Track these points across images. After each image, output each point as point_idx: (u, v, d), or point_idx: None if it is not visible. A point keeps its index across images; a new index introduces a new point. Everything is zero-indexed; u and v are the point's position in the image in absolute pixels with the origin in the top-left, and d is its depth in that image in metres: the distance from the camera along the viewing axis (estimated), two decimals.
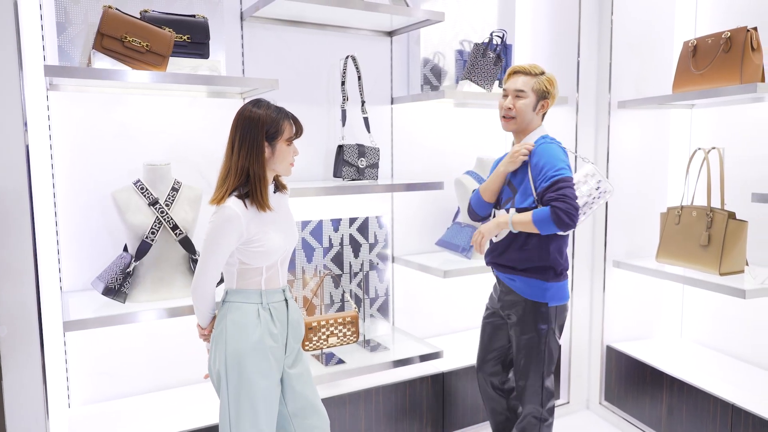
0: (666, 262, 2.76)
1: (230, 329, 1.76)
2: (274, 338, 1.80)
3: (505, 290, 2.23)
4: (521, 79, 2.15)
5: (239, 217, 1.70)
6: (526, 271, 2.15)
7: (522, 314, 2.18)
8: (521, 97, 2.14)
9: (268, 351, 1.78)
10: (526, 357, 2.20)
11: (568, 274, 2.34)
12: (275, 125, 1.73)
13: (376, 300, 2.88)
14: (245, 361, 1.75)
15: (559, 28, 3.02)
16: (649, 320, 3.18)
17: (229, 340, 1.76)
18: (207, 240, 1.72)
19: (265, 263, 1.79)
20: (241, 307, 1.78)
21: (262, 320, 1.78)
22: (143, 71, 1.93)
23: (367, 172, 2.62)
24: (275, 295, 1.83)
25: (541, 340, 2.18)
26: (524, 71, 2.15)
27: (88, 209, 2.28)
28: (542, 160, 2.07)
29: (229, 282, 1.83)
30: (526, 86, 2.13)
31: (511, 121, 2.18)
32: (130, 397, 2.41)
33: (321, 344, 2.45)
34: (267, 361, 1.78)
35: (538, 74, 2.15)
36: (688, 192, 2.75)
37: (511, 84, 2.17)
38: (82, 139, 2.25)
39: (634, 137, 3.01)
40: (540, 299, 2.16)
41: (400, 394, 2.61)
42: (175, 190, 2.18)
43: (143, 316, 2.02)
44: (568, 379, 3.13)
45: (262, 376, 1.76)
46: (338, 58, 2.70)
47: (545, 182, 2.04)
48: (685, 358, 2.91)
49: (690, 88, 2.57)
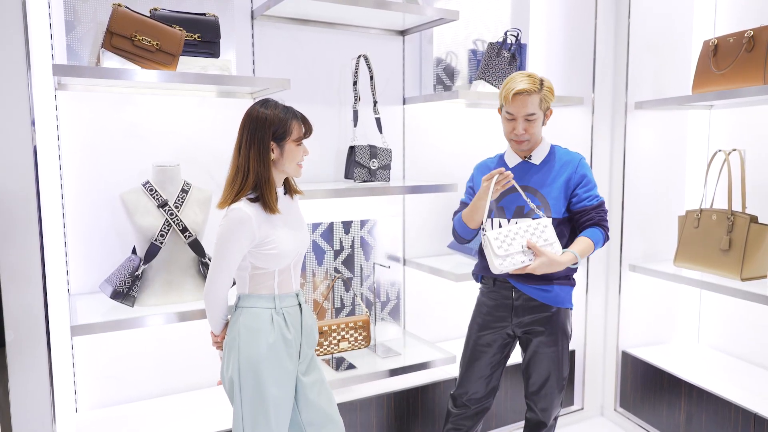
0: (684, 267, 2.70)
1: (243, 335, 1.72)
2: (287, 344, 1.75)
3: (531, 304, 2.07)
4: (529, 101, 1.97)
5: (250, 218, 1.66)
6: (560, 279, 2.06)
7: (554, 326, 2.07)
8: (532, 120, 2.01)
9: (282, 357, 1.74)
10: (551, 371, 2.10)
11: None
12: (283, 125, 1.69)
13: (387, 303, 2.83)
14: (259, 368, 1.70)
15: (575, 26, 2.96)
16: (665, 325, 3.12)
17: (242, 345, 1.71)
18: (218, 244, 1.68)
19: (278, 266, 1.75)
20: (254, 311, 1.74)
21: (275, 325, 1.73)
22: (152, 71, 1.89)
23: (379, 174, 2.58)
24: (289, 299, 1.79)
25: (566, 349, 2.11)
26: (528, 91, 1.96)
27: (97, 211, 2.25)
28: (588, 174, 2.06)
29: (241, 287, 1.79)
30: (535, 107, 1.99)
31: (524, 143, 2.05)
32: (139, 402, 2.37)
33: (332, 349, 2.41)
34: (281, 368, 1.73)
35: (540, 89, 1.99)
36: (708, 195, 2.69)
37: (519, 109, 1.99)
38: (92, 139, 2.22)
39: (651, 139, 2.95)
40: (568, 305, 2.10)
41: (412, 400, 2.56)
42: (185, 191, 2.14)
43: (152, 320, 1.99)
44: (582, 384, 3.08)
45: (276, 383, 1.72)
46: (350, 57, 2.65)
47: (593, 200, 2.04)
48: (703, 365, 2.84)
49: (710, 89, 2.51)
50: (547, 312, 2.07)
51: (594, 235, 2.01)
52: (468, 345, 2.21)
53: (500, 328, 2.14)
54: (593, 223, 2.02)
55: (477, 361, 2.17)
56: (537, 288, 2.05)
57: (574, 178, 2.04)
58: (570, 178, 2.04)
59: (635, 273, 2.91)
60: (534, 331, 2.09)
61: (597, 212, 2.03)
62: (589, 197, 2.03)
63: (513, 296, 2.09)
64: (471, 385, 2.18)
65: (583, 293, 3.01)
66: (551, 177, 2.05)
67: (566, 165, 2.06)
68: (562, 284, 2.07)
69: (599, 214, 2.03)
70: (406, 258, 2.92)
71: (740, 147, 2.63)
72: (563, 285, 2.07)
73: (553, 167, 2.07)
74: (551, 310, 2.07)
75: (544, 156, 2.10)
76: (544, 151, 2.10)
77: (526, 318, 2.08)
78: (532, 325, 2.08)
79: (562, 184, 2.04)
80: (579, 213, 2.03)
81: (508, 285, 2.10)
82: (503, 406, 2.79)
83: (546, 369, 2.10)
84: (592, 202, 2.03)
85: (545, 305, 2.06)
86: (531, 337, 2.11)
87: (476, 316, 2.21)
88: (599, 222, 2.03)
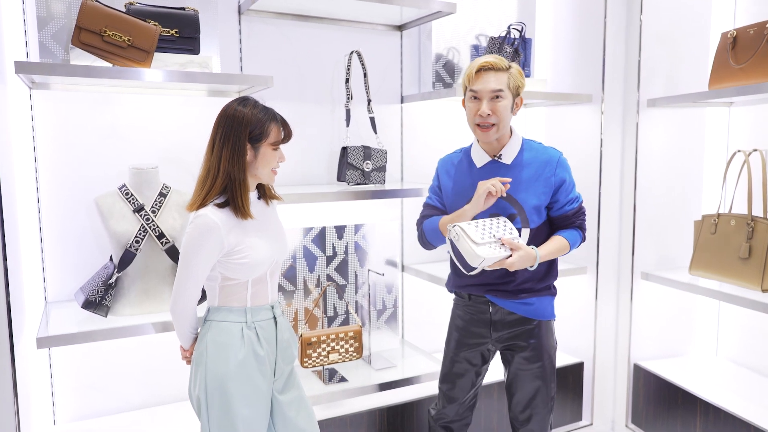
0: (700, 275, 2.52)
1: (211, 351, 1.60)
2: (260, 360, 1.63)
3: (510, 319, 1.91)
4: (494, 77, 1.77)
5: (218, 225, 1.54)
6: (541, 290, 1.92)
7: (537, 339, 1.93)
8: (500, 98, 1.79)
9: (254, 375, 1.62)
10: (538, 388, 1.94)
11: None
12: (260, 126, 1.57)
13: (383, 311, 2.70)
14: (227, 386, 1.58)
15: (583, 19, 2.80)
16: (681, 337, 2.93)
17: (209, 362, 1.60)
18: (183, 254, 1.56)
19: (251, 276, 1.63)
20: (223, 326, 1.62)
21: (246, 340, 1.62)
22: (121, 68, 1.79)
23: (373, 176, 2.45)
24: (262, 312, 1.67)
25: (552, 364, 1.96)
26: (494, 66, 1.78)
27: (76, 215, 2.16)
28: (568, 177, 1.89)
29: (211, 299, 1.67)
30: (502, 84, 1.78)
31: (491, 129, 1.80)
32: (120, 414, 2.28)
33: (321, 361, 2.29)
34: (252, 386, 1.61)
35: (508, 68, 1.80)
36: (726, 198, 2.51)
37: (482, 84, 1.78)
38: (70, 140, 2.13)
39: (665, 138, 2.77)
40: (550, 317, 1.96)
41: (407, 415, 2.42)
42: (163, 195, 2.03)
43: (126, 331, 1.88)
44: (592, 399, 2.91)
45: (246, 403, 1.60)
46: (344, 54, 2.53)
47: (573, 204, 1.90)
48: (720, 380, 2.65)
49: (728, 84, 2.33)
50: (529, 325, 1.92)
51: (571, 236, 1.90)
52: (445, 362, 2.05)
53: (476, 345, 1.98)
54: (573, 227, 1.93)
55: (459, 379, 2.01)
56: (517, 302, 1.90)
57: (554, 181, 1.85)
58: (548, 182, 1.85)
59: (648, 281, 2.74)
60: (516, 347, 1.94)
61: (576, 216, 1.91)
62: (569, 201, 1.89)
63: (490, 311, 1.93)
64: (451, 409, 2.04)
65: (593, 302, 2.84)
66: (526, 181, 1.85)
67: (543, 166, 1.86)
68: (543, 295, 1.93)
69: (579, 218, 1.92)
70: (404, 264, 2.78)
71: (762, 147, 2.44)
72: (544, 296, 1.93)
73: (527, 168, 1.86)
74: (533, 323, 1.93)
75: (515, 154, 1.88)
76: (515, 147, 1.88)
77: (505, 333, 1.93)
78: (513, 340, 1.94)
79: (541, 191, 1.85)
80: (558, 218, 1.91)
81: (483, 299, 1.93)
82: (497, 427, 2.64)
83: (531, 387, 1.95)
84: (573, 206, 1.89)
85: (526, 318, 1.92)
86: (513, 353, 1.95)
87: (452, 330, 2.05)
88: (579, 225, 1.93)
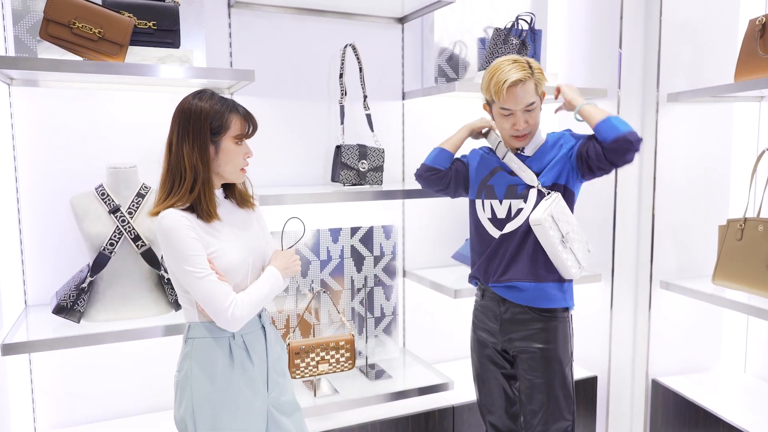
0: (725, 285, 2.31)
1: (195, 371, 1.48)
2: (251, 376, 1.52)
3: (520, 318, 1.85)
4: (524, 91, 1.75)
5: (184, 217, 1.44)
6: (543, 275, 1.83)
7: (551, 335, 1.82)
8: (532, 110, 1.79)
9: (245, 393, 1.50)
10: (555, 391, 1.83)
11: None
12: (220, 118, 1.46)
13: (382, 319, 2.56)
14: (216, 408, 1.47)
15: (599, 8, 2.61)
16: (705, 351, 2.71)
17: (194, 383, 1.47)
18: (174, 257, 1.42)
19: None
20: (206, 343, 1.49)
21: (235, 359, 1.49)
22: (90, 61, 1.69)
23: (369, 176, 2.32)
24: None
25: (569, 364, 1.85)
26: (522, 80, 1.73)
27: (57, 215, 2.08)
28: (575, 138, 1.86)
29: (189, 314, 1.53)
30: (532, 95, 1.77)
31: (527, 137, 1.84)
32: (103, 422, 2.20)
33: (311, 371, 2.16)
34: (244, 404, 1.50)
35: (532, 73, 1.76)
36: (754, 202, 2.29)
37: (515, 102, 1.76)
38: (51, 138, 2.05)
39: (687, 135, 2.56)
40: (565, 303, 1.85)
41: (401, 431, 2.28)
42: (141, 195, 1.94)
43: (98, 338, 1.79)
44: (606, 416, 2.71)
45: (238, 423, 1.48)
46: (341, 48, 2.40)
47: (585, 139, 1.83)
48: (748, 399, 2.43)
49: (757, 76, 2.13)
50: (541, 324, 1.83)
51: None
52: (473, 362, 2.04)
53: (493, 344, 1.95)
54: None
55: (486, 383, 1.99)
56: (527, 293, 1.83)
57: (565, 152, 1.84)
58: (563, 159, 1.84)
59: (668, 291, 2.53)
60: (528, 349, 1.86)
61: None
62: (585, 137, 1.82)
63: (500, 310, 1.89)
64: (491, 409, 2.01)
65: (608, 311, 2.65)
66: (544, 164, 1.86)
67: (556, 145, 1.87)
68: (555, 281, 1.83)
69: None
70: (405, 269, 2.64)
71: None
72: (556, 282, 1.83)
73: (544, 153, 1.87)
74: (545, 320, 1.83)
75: (538, 147, 1.89)
76: (539, 142, 1.89)
77: (515, 334, 1.86)
78: (524, 340, 1.85)
79: (557, 166, 1.83)
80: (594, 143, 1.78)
81: (495, 296, 1.90)
82: None
83: (546, 391, 1.83)
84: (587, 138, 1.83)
85: (537, 318, 1.83)
86: (524, 356, 1.87)
87: (474, 327, 2.02)
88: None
